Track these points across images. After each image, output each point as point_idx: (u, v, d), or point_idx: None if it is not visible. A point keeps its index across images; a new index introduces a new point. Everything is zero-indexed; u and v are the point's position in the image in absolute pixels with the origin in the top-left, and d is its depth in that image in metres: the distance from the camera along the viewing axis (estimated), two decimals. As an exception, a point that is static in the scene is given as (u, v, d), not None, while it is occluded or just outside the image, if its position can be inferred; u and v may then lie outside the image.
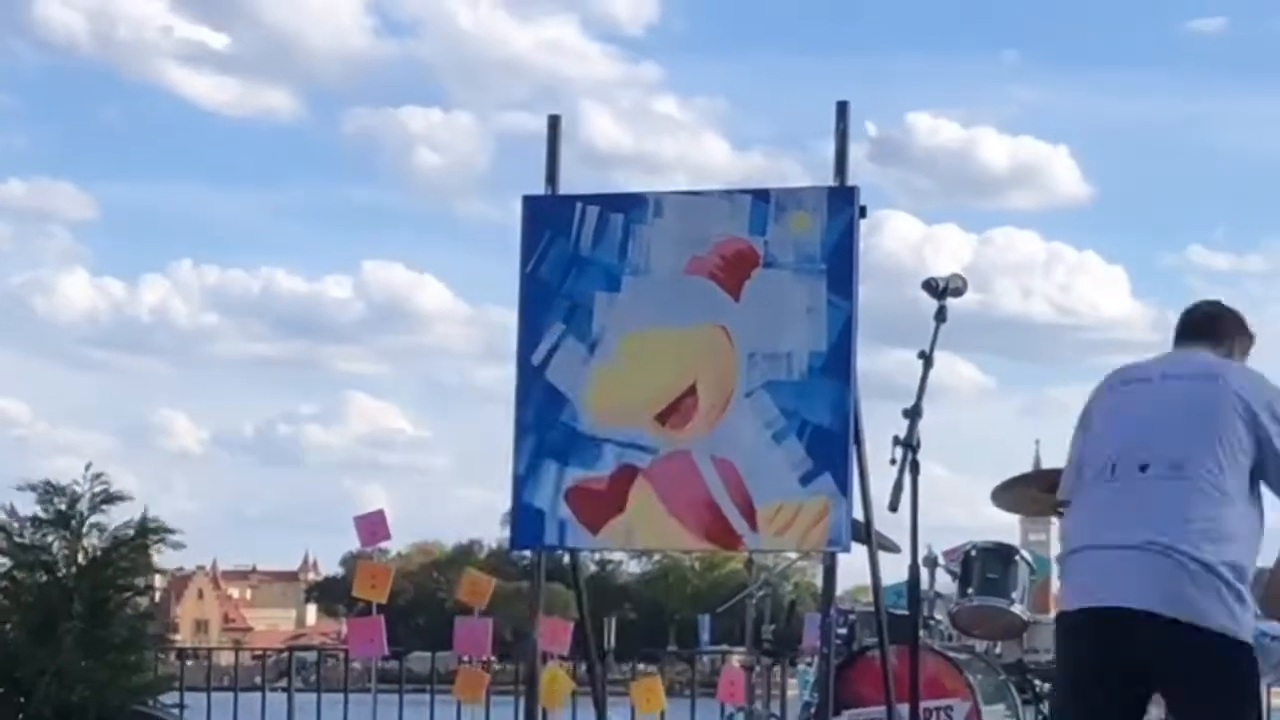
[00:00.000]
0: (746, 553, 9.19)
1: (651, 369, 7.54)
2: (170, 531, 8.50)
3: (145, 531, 8.40)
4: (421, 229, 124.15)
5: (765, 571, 9.94)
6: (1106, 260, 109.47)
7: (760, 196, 7.56)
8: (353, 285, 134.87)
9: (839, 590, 7.87)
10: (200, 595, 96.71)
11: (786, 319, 7.37)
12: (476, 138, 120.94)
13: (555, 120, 7.95)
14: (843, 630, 8.46)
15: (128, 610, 8.43)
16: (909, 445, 5.78)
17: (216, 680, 14.38)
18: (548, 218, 7.76)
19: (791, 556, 10.22)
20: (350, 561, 68.65)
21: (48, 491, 8.30)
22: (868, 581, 7.55)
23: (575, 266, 7.66)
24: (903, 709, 6.85)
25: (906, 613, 6.46)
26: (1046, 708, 8.45)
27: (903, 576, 6.41)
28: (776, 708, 10.23)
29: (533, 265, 7.73)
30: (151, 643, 9.20)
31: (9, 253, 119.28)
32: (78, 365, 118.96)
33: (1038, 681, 8.45)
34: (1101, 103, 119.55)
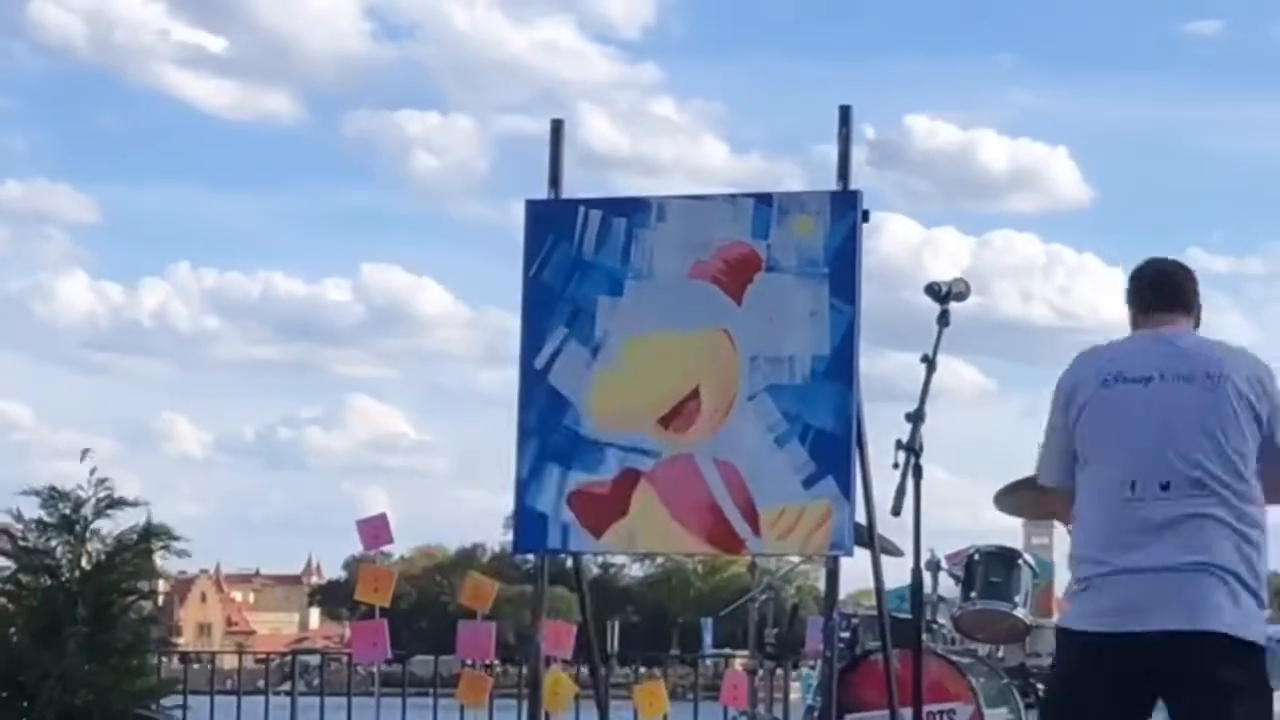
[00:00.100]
0: (749, 556, 9.18)
1: (654, 373, 7.54)
2: (175, 537, 8.52)
3: (149, 536, 8.41)
4: (420, 232, 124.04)
5: (768, 575, 9.93)
6: (1106, 263, 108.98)
7: (763, 200, 7.56)
8: (352, 288, 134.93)
9: (841, 594, 7.87)
10: (203, 599, 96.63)
11: (789, 323, 7.37)
12: (474, 140, 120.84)
13: (558, 124, 7.94)
14: (845, 634, 8.45)
15: (131, 614, 8.44)
16: (912, 449, 5.77)
17: (220, 684, 14.38)
18: (550, 221, 7.76)
19: (794, 560, 10.23)
20: (353, 565, 68.64)
21: (52, 496, 8.32)
22: (870, 585, 7.55)
23: (578, 270, 7.66)
24: (905, 713, 6.85)
25: (909, 616, 6.45)
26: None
27: (905, 580, 6.40)
28: (779, 711, 10.21)
29: (535, 269, 7.73)
30: (155, 647, 9.21)
31: (8, 256, 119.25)
32: (79, 369, 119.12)
33: (1040, 685, 8.44)
34: (1098, 105, 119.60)
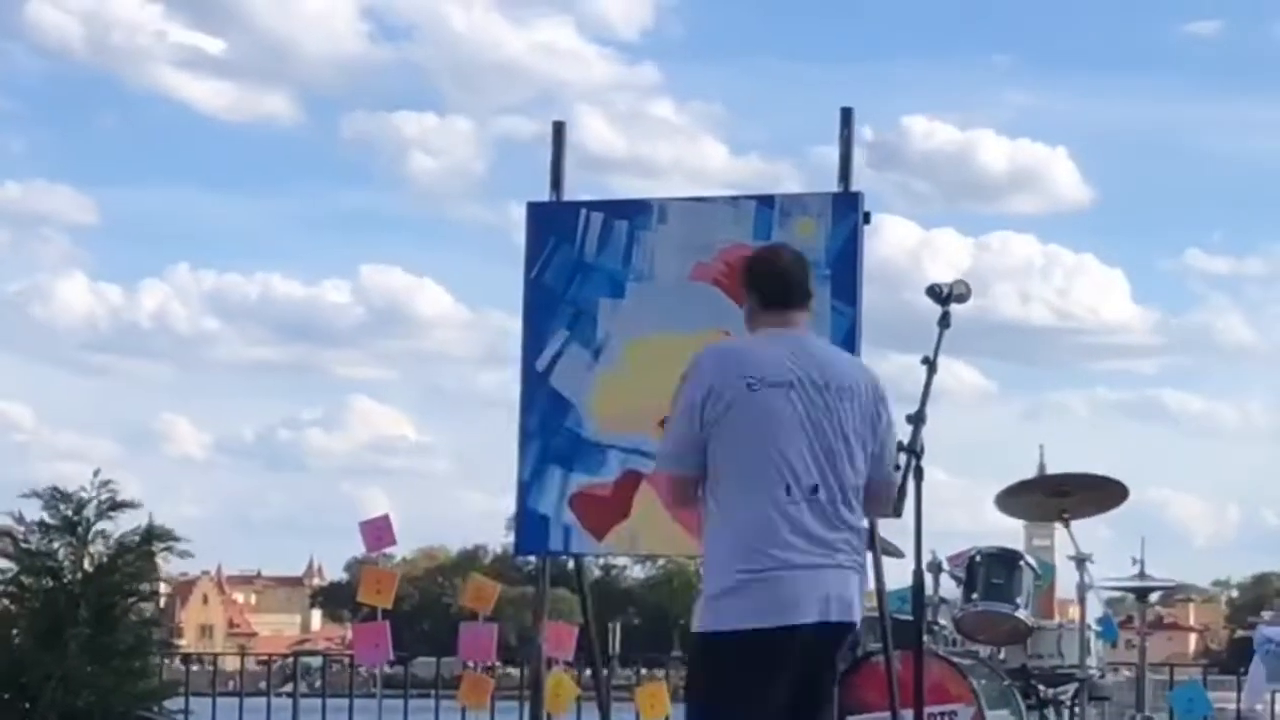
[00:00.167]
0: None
1: (656, 375, 7.51)
2: (176, 539, 8.52)
3: (151, 538, 8.41)
4: (419, 233, 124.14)
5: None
6: (1105, 264, 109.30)
7: (765, 202, 7.56)
8: (351, 290, 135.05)
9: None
10: (205, 600, 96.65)
11: (790, 325, 7.35)
12: (472, 142, 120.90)
13: (560, 126, 7.94)
14: (847, 635, 8.44)
15: (133, 616, 8.44)
16: (913, 451, 5.76)
17: (221, 685, 14.34)
18: (552, 224, 7.76)
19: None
20: (355, 567, 68.68)
21: (54, 498, 8.31)
22: (872, 586, 7.54)
23: (579, 272, 7.66)
24: (907, 714, 6.85)
25: (911, 618, 6.44)
26: (1050, 713, 8.46)
27: (907, 581, 6.38)
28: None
29: (537, 271, 7.73)
30: (157, 648, 9.21)
31: (7, 257, 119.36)
32: (78, 370, 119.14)
33: (1042, 686, 8.45)
34: (1097, 106, 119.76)
